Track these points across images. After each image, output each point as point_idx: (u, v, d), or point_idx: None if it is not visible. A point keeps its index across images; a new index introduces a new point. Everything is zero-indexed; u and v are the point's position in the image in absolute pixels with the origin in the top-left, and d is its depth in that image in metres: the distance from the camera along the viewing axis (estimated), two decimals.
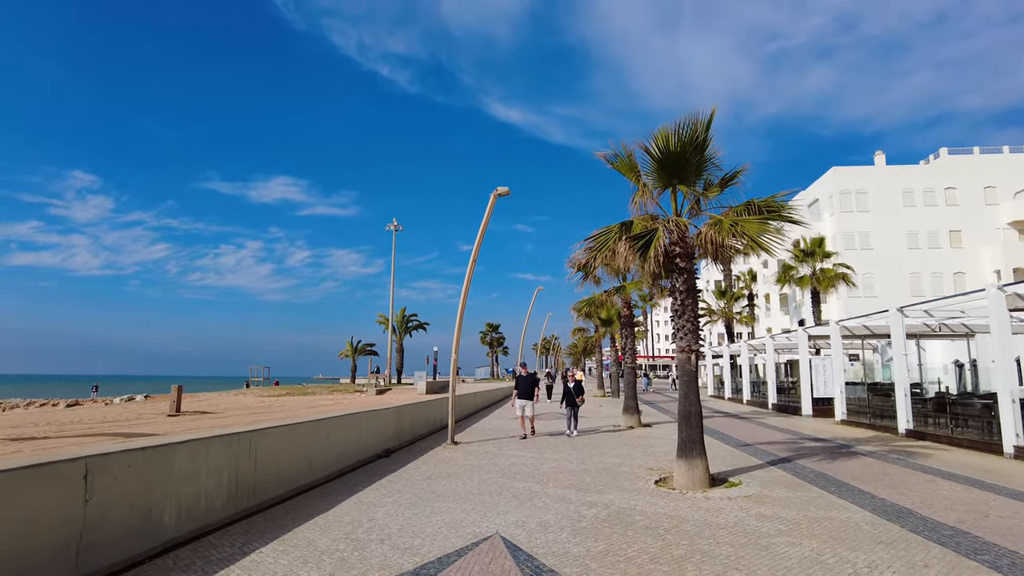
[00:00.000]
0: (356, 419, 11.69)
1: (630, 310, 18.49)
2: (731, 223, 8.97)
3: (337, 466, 10.46)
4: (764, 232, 8.80)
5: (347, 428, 11.21)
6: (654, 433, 16.29)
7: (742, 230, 8.81)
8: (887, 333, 19.41)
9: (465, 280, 15.28)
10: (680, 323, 9.42)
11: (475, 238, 15.33)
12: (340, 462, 10.64)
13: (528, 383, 15.43)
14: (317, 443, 9.87)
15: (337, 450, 10.63)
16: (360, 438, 11.81)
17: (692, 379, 9.35)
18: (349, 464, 10.95)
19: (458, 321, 15.16)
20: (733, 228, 8.89)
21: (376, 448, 12.54)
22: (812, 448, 12.90)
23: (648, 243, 9.07)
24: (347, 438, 11.12)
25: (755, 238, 8.73)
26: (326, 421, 10.39)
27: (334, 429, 10.61)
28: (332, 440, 10.47)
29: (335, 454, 10.51)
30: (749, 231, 8.76)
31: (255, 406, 29.77)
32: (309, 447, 9.56)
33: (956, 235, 41.28)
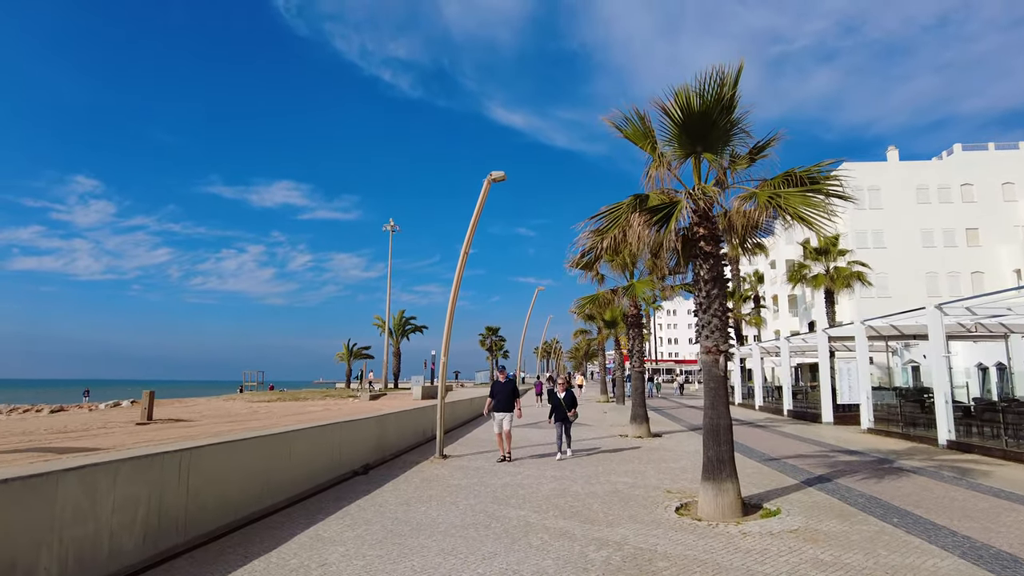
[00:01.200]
0: (326, 432, 10.16)
1: (638, 309, 16.97)
2: (770, 196, 7.45)
3: (302, 487, 8.93)
4: (810, 206, 7.29)
5: (315, 442, 9.69)
6: (666, 445, 14.74)
7: (784, 203, 7.28)
8: (919, 333, 17.86)
9: (456, 274, 13.76)
10: (705, 319, 7.88)
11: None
12: (307, 482, 9.11)
13: (508, 391, 12.37)
14: (276, 461, 8.36)
15: (303, 468, 9.11)
16: (332, 453, 10.30)
17: (720, 385, 7.82)
18: (317, 484, 9.42)
19: (448, 319, 13.65)
20: (773, 202, 7.37)
21: (353, 463, 11.03)
22: (848, 463, 11.35)
23: (668, 216, 7.55)
24: (315, 454, 9.61)
25: (799, 212, 7.22)
26: (288, 435, 8.87)
27: (299, 444, 9.10)
28: (296, 457, 8.95)
29: (300, 473, 8.99)
30: (792, 204, 7.25)
31: (239, 413, 28.27)
32: (265, 466, 8.04)
33: (973, 233, 39.72)
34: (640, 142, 8.36)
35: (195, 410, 31.70)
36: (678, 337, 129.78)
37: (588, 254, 9.00)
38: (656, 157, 8.31)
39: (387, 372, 54.06)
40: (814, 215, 7.28)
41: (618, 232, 8.18)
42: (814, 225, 7.27)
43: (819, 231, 7.38)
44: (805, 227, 7.34)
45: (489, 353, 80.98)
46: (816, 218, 7.28)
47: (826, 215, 7.31)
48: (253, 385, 63.49)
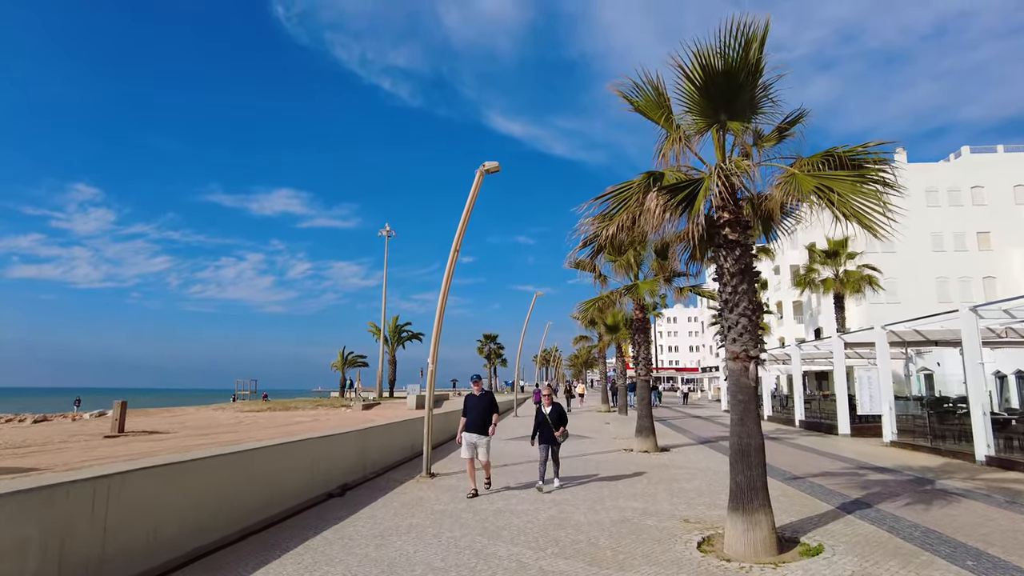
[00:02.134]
0: (296, 449, 8.95)
1: (643, 313, 15.80)
2: (816, 186, 6.26)
3: (264, 514, 7.70)
4: (862, 195, 6.11)
5: (283, 460, 8.48)
6: (676, 461, 13.50)
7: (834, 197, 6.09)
8: (945, 339, 16.68)
9: (446, 272, 12.58)
10: (732, 318, 6.69)
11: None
12: (270, 507, 7.89)
13: (482, 407, 9.66)
14: (232, 484, 7.16)
15: (266, 492, 7.89)
16: (304, 472, 9.09)
17: (751, 398, 6.61)
18: (284, 509, 8.20)
19: (437, 322, 12.46)
20: (823, 195, 6.18)
21: (329, 483, 9.81)
22: (883, 483, 10.13)
23: (692, 196, 6.38)
24: (282, 474, 8.39)
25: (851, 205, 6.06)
26: (247, 454, 7.67)
27: (262, 463, 7.89)
28: (258, 478, 7.74)
29: (262, 498, 7.77)
30: (841, 191, 6.06)
31: (223, 423, 26.99)
32: (217, 491, 6.84)
33: (984, 237, 38.58)
34: (653, 113, 7.19)
35: (178, 421, 30.39)
36: (678, 345, 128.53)
37: (591, 243, 7.77)
38: (672, 131, 7.15)
39: (382, 380, 52.68)
40: (868, 208, 6.11)
41: (627, 217, 6.99)
42: (868, 222, 6.08)
43: (876, 231, 6.18)
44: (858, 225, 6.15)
45: (487, 361, 79.60)
46: (871, 214, 6.10)
47: (882, 209, 6.13)
48: (246, 394, 62.09)
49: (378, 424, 12.58)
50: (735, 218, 6.86)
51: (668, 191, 6.42)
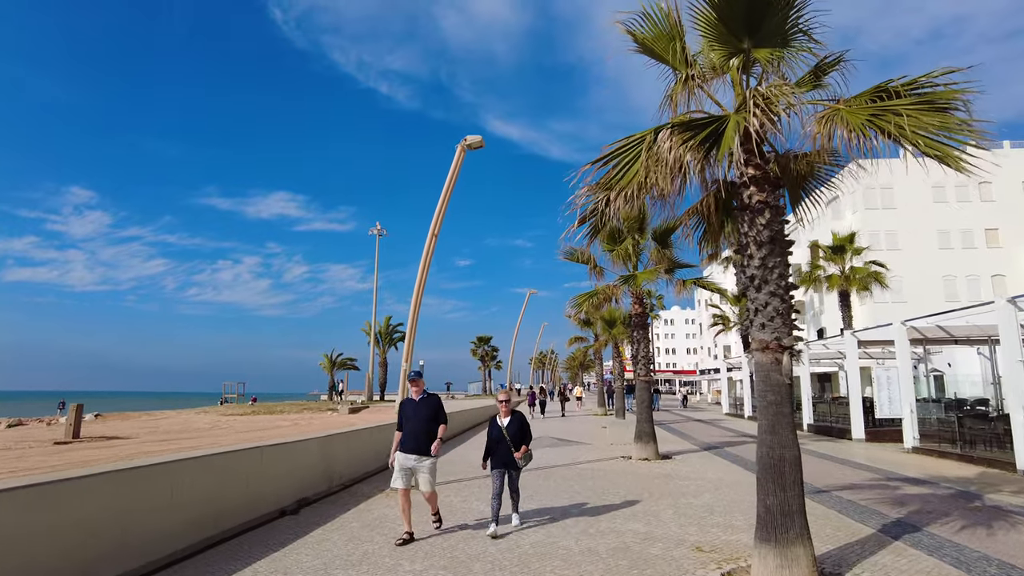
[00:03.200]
0: (237, 460, 7.56)
1: (643, 307, 14.44)
2: (873, 113, 4.92)
3: (186, 540, 6.31)
4: (936, 121, 4.76)
5: (217, 474, 7.08)
6: (680, 470, 12.12)
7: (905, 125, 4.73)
8: (973, 336, 15.38)
9: (424, 254, 11.23)
10: (760, 299, 5.33)
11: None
12: (197, 531, 6.50)
13: (423, 417, 6.92)
14: (144, 505, 5.78)
15: (193, 512, 6.51)
16: (249, 487, 7.71)
17: (784, 400, 5.26)
18: (216, 533, 6.81)
19: (412, 312, 11.11)
20: (878, 120, 4.83)
21: (281, 500, 8.43)
22: (923, 498, 8.78)
23: (718, 133, 5.04)
24: (219, 489, 7.03)
25: (924, 127, 4.71)
26: (169, 466, 6.29)
27: (189, 477, 6.51)
28: (183, 496, 6.37)
29: (185, 519, 6.38)
30: (920, 127, 4.71)
31: (198, 428, 25.55)
32: (120, 515, 5.47)
33: (993, 234, 37.38)
34: (663, 47, 5.81)
35: (152, 425, 28.94)
36: (675, 347, 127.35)
37: (589, 219, 6.36)
38: (685, 70, 5.78)
39: (372, 383, 51.17)
40: (948, 137, 4.76)
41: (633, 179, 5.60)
42: (946, 153, 4.74)
43: (960, 164, 4.83)
44: (935, 160, 4.81)
45: (481, 363, 78.18)
46: (953, 149, 4.75)
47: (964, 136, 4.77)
48: (233, 397, 60.60)
49: (345, 430, 11.19)
50: (763, 174, 5.51)
51: (687, 129, 5.05)
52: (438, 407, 7.04)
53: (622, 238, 13.96)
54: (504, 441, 7.06)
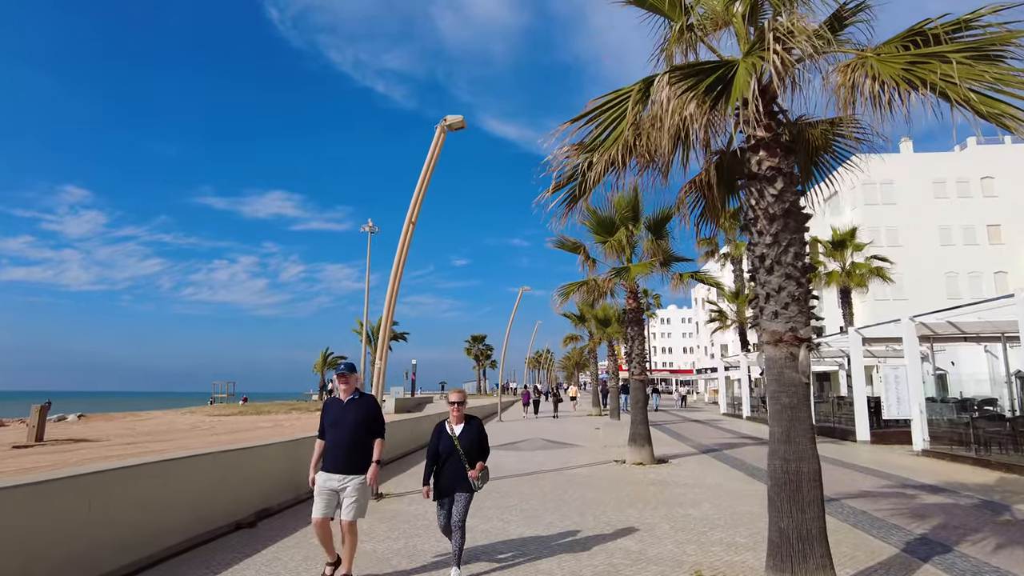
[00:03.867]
0: (179, 469, 6.68)
1: (637, 303, 13.60)
2: (911, 61, 4.06)
3: (114, 562, 5.45)
4: (1004, 82, 3.87)
5: (157, 485, 6.23)
6: (677, 476, 11.29)
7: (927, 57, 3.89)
8: (985, 333, 14.60)
9: (401, 242, 10.40)
10: (772, 283, 4.51)
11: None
12: (123, 551, 5.63)
13: (354, 422, 5.20)
14: (56, 526, 4.94)
15: (122, 528, 5.68)
16: (197, 498, 6.85)
17: (800, 403, 4.44)
18: (155, 552, 5.96)
19: (388, 302, 10.27)
20: (917, 69, 3.97)
21: (238, 511, 7.61)
22: (946, 509, 7.97)
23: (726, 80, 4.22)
24: (156, 502, 6.17)
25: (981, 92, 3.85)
26: (92, 477, 5.44)
27: (113, 491, 5.65)
28: (107, 510, 5.52)
29: (111, 537, 5.55)
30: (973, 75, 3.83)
31: (179, 429, 24.70)
32: (17, 539, 4.61)
33: (995, 230, 36.70)
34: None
35: (133, 426, 28.06)
36: (672, 346, 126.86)
37: (569, 184, 5.52)
38: (681, 18, 4.95)
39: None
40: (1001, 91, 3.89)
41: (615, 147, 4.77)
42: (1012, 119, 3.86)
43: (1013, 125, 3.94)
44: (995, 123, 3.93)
45: (476, 363, 77.39)
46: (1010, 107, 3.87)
47: None
48: (223, 397, 59.62)
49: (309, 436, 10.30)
50: (773, 137, 4.68)
51: (689, 75, 4.21)
52: (374, 413, 5.26)
53: (615, 228, 13.12)
54: (456, 455, 5.23)
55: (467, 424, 5.41)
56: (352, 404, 5.23)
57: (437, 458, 5.29)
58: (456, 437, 5.29)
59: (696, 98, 4.07)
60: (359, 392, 5.37)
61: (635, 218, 13.23)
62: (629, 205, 13.09)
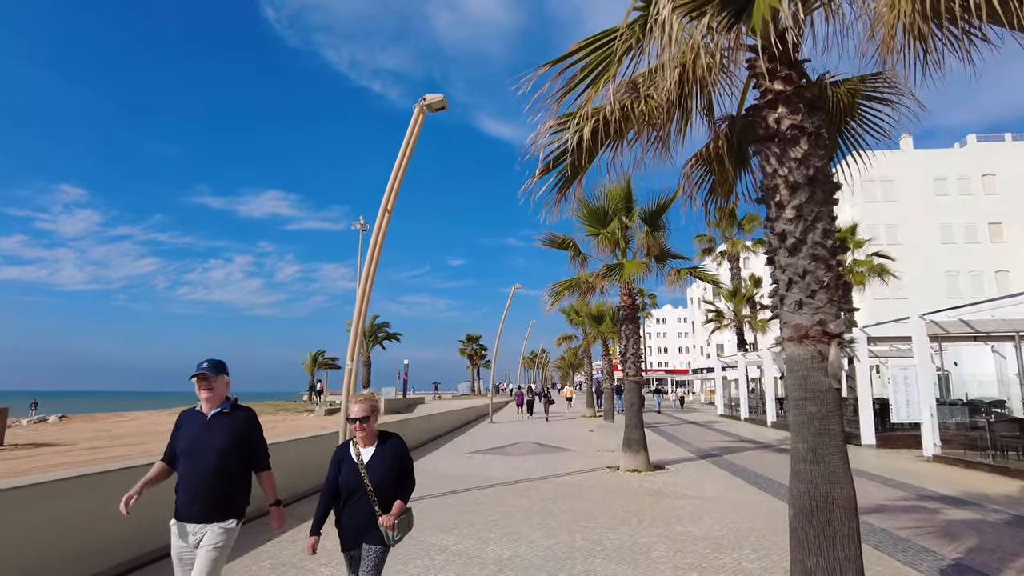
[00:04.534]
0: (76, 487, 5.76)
1: (632, 299, 12.79)
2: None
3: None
4: None
5: (54, 506, 5.34)
6: (674, 485, 10.48)
7: None
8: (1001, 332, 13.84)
9: (375, 231, 9.57)
10: (795, 266, 3.70)
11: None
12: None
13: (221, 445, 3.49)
14: None
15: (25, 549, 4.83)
16: (105, 522, 5.91)
17: (832, 413, 3.62)
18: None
19: (360, 295, 9.45)
20: None
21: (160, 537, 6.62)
22: (974, 525, 7.17)
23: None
24: (52, 527, 5.28)
25: None
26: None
27: None
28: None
29: None
30: None
31: (156, 431, 23.77)
32: None
33: (996, 228, 36.07)
34: None
35: (109, 428, 27.12)
36: (667, 346, 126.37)
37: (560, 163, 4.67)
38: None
39: (355, 383, 49.34)
40: None
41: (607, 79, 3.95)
42: None
43: None
44: None
45: (470, 362, 76.53)
46: None
47: None
48: None
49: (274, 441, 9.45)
50: (795, 90, 3.87)
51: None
52: (249, 434, 3.63)
53: (608, 219, 12.29)
54: (362, 492, 3.53)
55: (380, 446, 3.64)
56: (218, 421, 3.54)
57: (336, 496, 3.57)
58: (363, 465, 3.54)
59: (712, 15, 3.24)
60: (231, 404, 3.64)
61: (629, 209, 12.41)
62: (622, 195, 12.27)
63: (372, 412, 3.64)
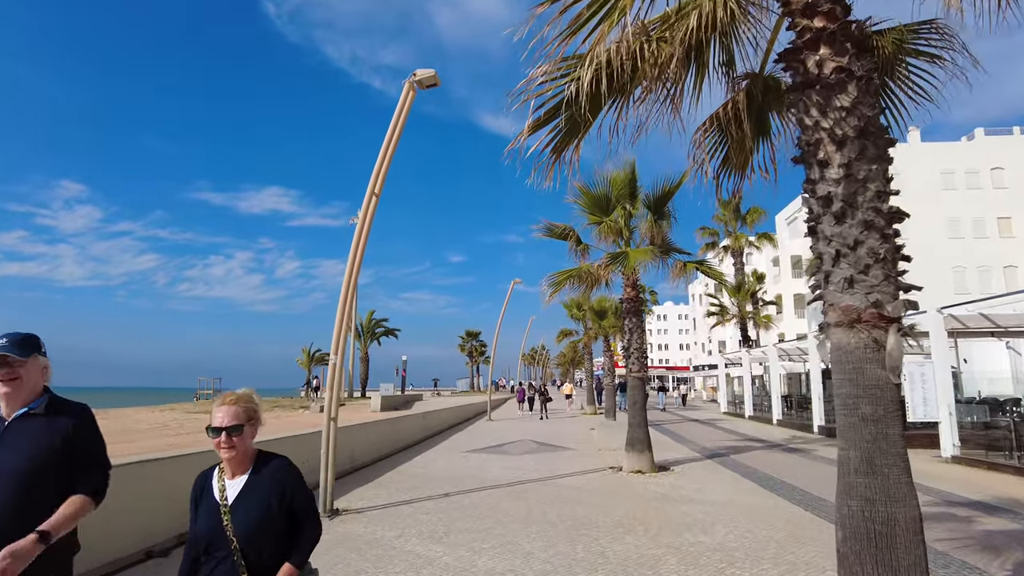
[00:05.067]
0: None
1: (636, 292, 12.15)
2: None
3: None
4: None
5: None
6: (682, 488, 9.85)
7: None
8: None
9: (361, 216, 8.93)
10: (848, 233, 3.06)
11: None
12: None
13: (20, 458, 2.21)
14: None
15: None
16: None
17: (891, 414, 2.96)
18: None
19: (345, 286, 8.80)
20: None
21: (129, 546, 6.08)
22: (1016, 538, 6.55)
23: None
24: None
25: None
26: None
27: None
28: None
29: None
30: None
31: (138, 428, 23.16)
32: None
33: (1005, 223, 35.36)
34: None
35: None
36: (668, 343, 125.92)
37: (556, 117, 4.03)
38: None
39: (352, 379, 48.71)
40: None
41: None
42: None
43: None
44: None
45: (469, 358, 75.89)
46: None
47: None
48: (208, 392, 58.04)
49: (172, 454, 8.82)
50: (840, 27, 3.22)
51: None
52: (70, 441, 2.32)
53: (610, 207, 11.66)
54: (224, 548, 2.14)
55: (254, 475, 2.26)
56: (22, 429, 2.30)
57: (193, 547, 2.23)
58: (226, 507, 2.19)
59: None
60: (49, 400, 2.39)
61: (633, 196, 11.77)
62: (626, 181, 11.62)
63: (247, 421, 2.23)
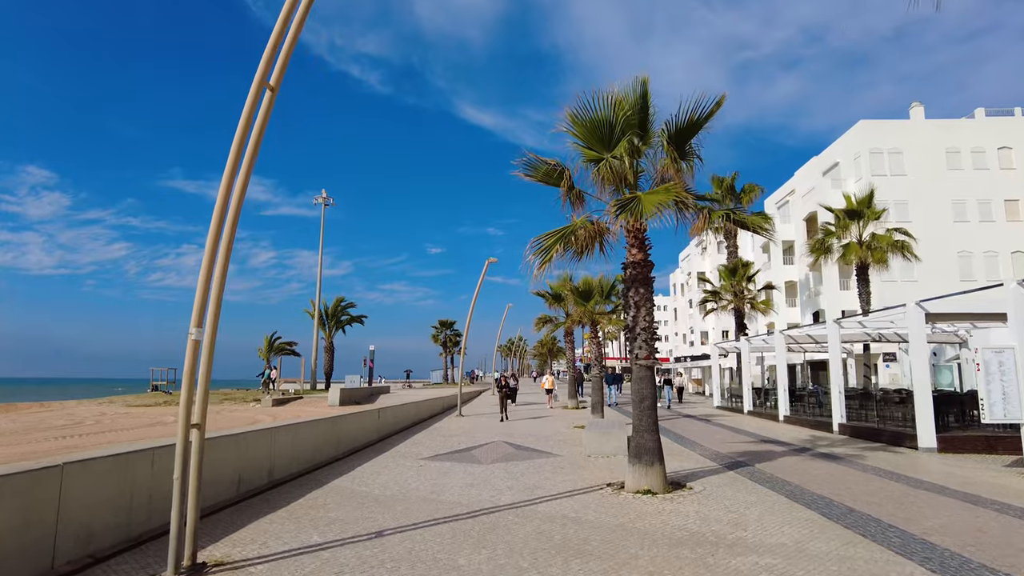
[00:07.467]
0: None
1: (644, 253, 9.23)
2: None
3: None
4: None
5: None
6: (715, 522, 7.00)
7: None
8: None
9: (248, 105, 5.81)
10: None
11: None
12: None
13: None
14: None
15: None
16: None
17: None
18: None
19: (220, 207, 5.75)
20: None
21: None
22: None
23: None
24: None
25: None
26: None
27: None
28: None
29: None
30: None
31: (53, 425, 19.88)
32: None
33: (1013, 205, 33.33)
34: None
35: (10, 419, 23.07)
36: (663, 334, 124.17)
37: None
38: None
39: (315, 370, 45.33)
40: None
41: None
42: None
43: None
44: None
45: (443, 349, 72.68)
46: None
47: None
48: (163, 384, 54.16)
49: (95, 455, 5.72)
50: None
51: None
52: None
53: (614, 138, 8.72)
54: None
55: None
56: None
57: None
58: None
59: None
60: None
61: (643, 125, 8.84)
62: (635, 105, 8.68)
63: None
